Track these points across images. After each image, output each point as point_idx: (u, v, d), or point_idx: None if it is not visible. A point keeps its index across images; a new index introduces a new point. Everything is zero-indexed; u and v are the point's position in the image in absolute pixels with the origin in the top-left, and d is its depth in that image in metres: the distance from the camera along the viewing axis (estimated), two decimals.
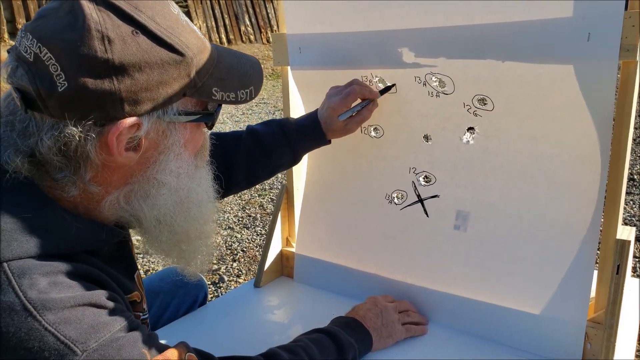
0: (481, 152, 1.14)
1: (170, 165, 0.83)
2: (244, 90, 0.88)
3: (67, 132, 0.72)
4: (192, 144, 0.87)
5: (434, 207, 1.23)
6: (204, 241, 0.94)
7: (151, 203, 0.83)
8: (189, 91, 0.80)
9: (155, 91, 0.75)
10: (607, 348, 1.02)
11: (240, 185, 1.25)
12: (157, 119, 0.78)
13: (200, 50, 0.80)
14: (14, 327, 0.66)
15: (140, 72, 0.73)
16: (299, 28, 1.30)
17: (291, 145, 1.23)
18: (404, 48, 1.15)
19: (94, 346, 0.69)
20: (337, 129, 1.21)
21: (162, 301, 1.36)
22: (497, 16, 1.01)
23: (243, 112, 6.71)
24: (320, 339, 1.02)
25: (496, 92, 1.07)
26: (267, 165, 1.24)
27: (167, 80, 0.76)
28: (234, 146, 1.21)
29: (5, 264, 0.68)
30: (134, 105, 0.74)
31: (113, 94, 0.71)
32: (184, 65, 0.77)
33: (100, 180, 0.79)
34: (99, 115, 0.73)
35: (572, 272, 1.06)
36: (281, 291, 1.46)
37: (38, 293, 0.68)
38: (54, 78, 0.70)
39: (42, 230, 0.73)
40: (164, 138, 0.81)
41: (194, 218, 0.89)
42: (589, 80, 0.96)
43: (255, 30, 10.10)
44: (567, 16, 0.94)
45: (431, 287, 1.24)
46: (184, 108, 0.81)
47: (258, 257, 2.93)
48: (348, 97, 1.19)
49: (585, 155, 1.01)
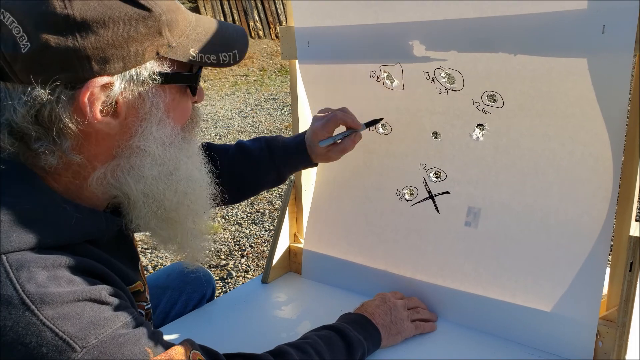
0: (492, 148, 1.12)
1: (152, 132, 0.80)
2: (226, 52, 0.85)
3: (35, 95, 0.71)
4: (177, 112, 0.85)
5: (445, 203, 1.22)
6: (197, 221, 0.91)
7: (136, 174, 0.81)
8: (162, 50, 0.78)
9: (123, 48, 0.73)
10: (620, 346, 1.00)
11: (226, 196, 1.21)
12: (131, 79, 0.76)
13: (171, 9, 0.79)
14: (12, 321, 0.65)
15: (105, 27, 0.71)
16: (308, 21, 1.28)
17: (275, 163, 1.21)
18: (415, 41, 1.13)
19: (94, 342, 0.68)
20: (319, 154, 1.19)
21: (170, 297, 1.35)
22: (509, 9, 0.99)
23: (252, 107, 6.71)
24: (329, 336, 1.01)
25: (507, 88, 1.05)
26: (252, 180, 1.22)
27: (135, 37, 0.74)
28: (222, 157, 1.19)
29: (4, 256, 0.67)
30: (102, 63, 0.72)
31: (77, 51, 0.70)
32: (152, 22, 0.75)
33: (82, 150, 0.77)
34: (68, 77, 0.71)
35: (584, 269, 1.05)
36: (289, 287, 1.45)
37: (37, 287, 0.66)
38: (17, 40, 0.69)
39: (42, 221, 0.72)
40: (142, 102, 0.78)
41: (184, 192, 0.86)
42: (603, 74, 0.94)
43: (264, 25, 10.09)
44: (581, 8, 0.92)
45: (441, 283, 1.23)
46: (160, 69, 0.79)
47: (266, 253, 2.93)
48: (329, 122, 1.17)
49: (598, 152, 0.99)
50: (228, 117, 6.29)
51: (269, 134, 5.45)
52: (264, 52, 9.41)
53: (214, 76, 8.39)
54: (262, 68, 8.83)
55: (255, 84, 8.09)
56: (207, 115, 6.41)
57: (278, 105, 6.78)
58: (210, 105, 6.94)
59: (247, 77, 8.42)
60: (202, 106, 6.93)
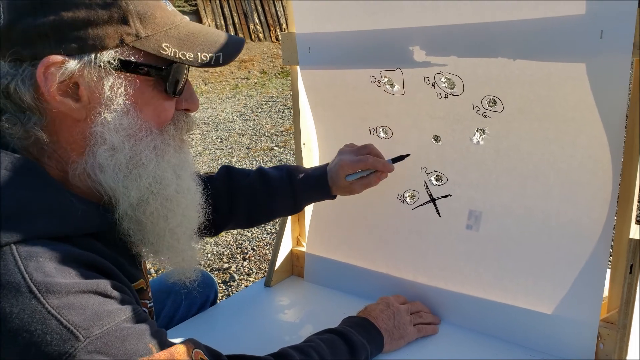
0: (492, 152, 1.13)
1: (111, 119, 0.79)
2: (207, 53, 0.84)
3: (1, 66, 0.75)
4: (149, 108, 0.84)
5: (446, 206, 1.23)
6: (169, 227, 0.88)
7: (99, 165, 0.80)
8: (127, 38, 0.79)
9: (82, 30, 0.76)
10: (620, 348, 1.01)
11: (239, 220, 1.24)
12: (90, 62, 0.77)
13: (146, 3, 0.80)
14: (18, 308, 0.66)
15: (66, 9, 0.75)
16: (308, 27, 1.29)
17: (295, 192, 1.22)
18: (415, 46, 1.14)
19: (97, 333, 0.69)
20: (342, 186, 1.20)
21: (173, 301, 1.36)
22: (508, 14, 1.01)
23: (253, 110, 6.72)
24: (332, 340, 1.02)
25: (506, 92, 1.06)
26: (268, 206, 1.23)
27: (95, 21, 0.76)
28: (241, 180, 1.21)
29: (14, 245, 0.69)
30: (60, 42, 0.75)
31: (37, 27, 0.74)
32: (115, 9, 0.77)
33: (51, 132, 0.79)
34: (30, 53, 0.75)
35: (585, 272, 1.06)
36: (292, 291, 1.46)
37: (44, 276, 0.68)
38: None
39: (49, 211, 0.74)
40: (102, 87, 0.78)
41: (150, 191, 0.84)
42: (602, 79, 0.95)
43: (265, 28, 10.10)
44: (580, 13, 0.93)
45: (443, 286, 1.24)
46: (124, 57, 0.79)
47: (268, 256, 2.94)
48: (359, 164, 1.18)
49: (598, 155, 1.00)
50: (229, 120, 6.30)
51: (270, 136, 5.46)
52: (265, 54, 9.43)
53: (215, 79, 8.42)
54: (262, 70, 8.85)
55: (256, 87, 8.11)
56: (208, 118, 6.43)
57: (279, 107, 6.79)
58: (212, 108, 6.96)
59: (247, 79, 8.44)
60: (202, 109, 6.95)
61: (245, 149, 5.13)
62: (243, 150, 5.07)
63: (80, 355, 0.66)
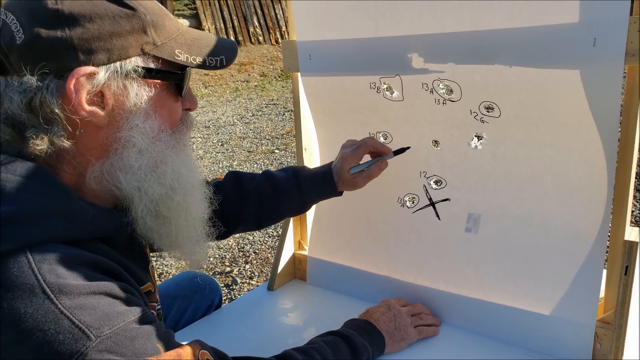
0: (490, 156, 1.15)
1: (138, 124, 0.84)
2: (212, 57, 0.91)
3: (26, 82, 0.77)
4: (164, 110, 0.89)
5: (446, 210, 1.25)
6: (190, 220, 0.94)
7: (124, 166, 0.84)
8: (147, 47, 0.84)
9: (108, 41, 0.79)
10: (617, 348, 1.03)
11: (248, 223, 1.26)
12: (116, 71, 0.81)
13: (157, 14, 0.85)
14: (32, 308, 0.69)
15: (91, 22, 0.78)
16: (309, 35, 1.32)
17: (302, 192, 1.24)
18: (414, 54, 1.17)
19: (108, 333, 0.71)
20: (346, 180, 1.22)
21: (179, 306, 1.39)
22: (504, 22, 1.03)
23: (253, 113, 6.74)
24: (335, 342, 1.05)
25: (503, 98, 1.09)
26: (276, 207, 1.25)
27: (119, 32, 0.80)
28: (249, 183, 1.24)
29: (27, 248, 0.71)
30: (88, 54, 0.78)
31: (65, 41, 0.77)
32: (136, 20, 0.81)
33: (74, 142, 0.82)
34: (56, 66, 0.77)
35: (582, 273, 1.08)
36: (294, 294, 1.48)
37: (56, 278, 0.71)
38: (14, 34, 0.77)
39: (61, 215, 0.77)
40: (127, 94, 0.83)
41: (171, 187, 0.89)
42: (595, 85, 0.97)
43: (264, 31, 10.13)
44: (573, 22, 0.95)
45: (443, 289, 1.26)
46: (145, 64, 0.84)
47: (270, 259, 2.96)
48: (359, 148, 1.21)
49: (593, 159, 1.03)
50: (230, 124, 6.32)
51: (271, 139, 5.48)
52: (264, 57, 9.45)
53: (215, 82, 8.44)
54: (262, 73, 8.87)
55: (256, 90, 8.13)
56: (209, 121, 6.45)
57: (279, 110, 6.81)
58: (212, 111, 6.98)
59: (247, 82, 8.46)
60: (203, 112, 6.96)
61: (246, 152, 5.15)
62: (244, 154, 5.09)
63: (91, 354, 0.69)
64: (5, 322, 0.69)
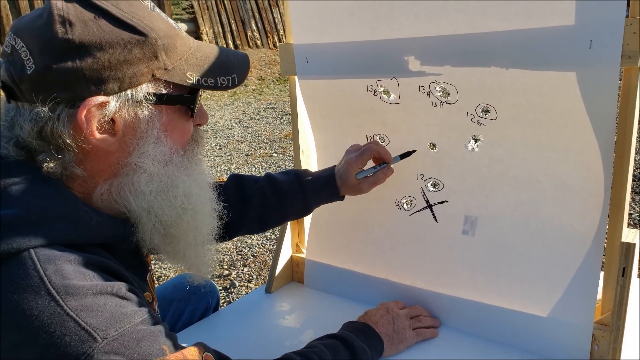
0: (487, 158, 1.16)
1: (149, 150, 0.84)
2: (224, 77, 0.90)
3: (37, 111, 0.77)
4: (176, 132, 0.89)
5: (443, 212, 1.25)
6: (199, 236, 0.95)
7: (134, 190, 0.85)
8: (158, 72, 0.82)
9: (119, 70, 0.78)
10: (614, 349, 1.03)
11: (250, 226, 1.26)
12: (127, 99, 0.81)
13: (168, 35, 0.83)
14: (38, 310, 0.69)
15: (102, 51, 0.76)
16: (306, 38, 1.32)
17: (304, 194, 1.24)
18: (410, 56, 1.17)
19: (114, 335, 0.71)
20: (351, 185, 1.22)
21: (176, 308, 1.39)
22: (500, 24, 1.03)
23: (251, 117, 6.75)
24: (334, 345, 1.04)
25: (500, 100, 1.09)
26: (278, 210, 1.25)
27: (130, 60, 0.79)
28: (251, 187, 1.24)
29: (32, 250, 0.72)
30: (99, 84, 0.77)
31: (76, 71, 0.76)
32: (147, 46, 0.80)
33: (84, 165, 0.82)
34: (67, 96, 0.77)
35: (579, 275, 1.08)
36: (292, 297, 1.48)
37: (62, 279, 0.71)
38: (24, 63, 0.76)
39: (65, 219, 0.77)
40: (138, 121, 0.83)
41: (182, 208, 0.90)
42: (592, 87, 0.97)
43: (262, 35, 10.14)
44: (569, 24, 0.96)
45: (440, 291, 1.26)
46: (156, 90, 0.83)
47: (268, 262, 2.96)
48: (364, 154, 1.21)
49: (590, 161, 1.03)
50: (228, 127, 6.33)
51: (269, 143, 5.49)
52: (262, 61, 9.47)
53: None
54: (260, 77, 8.89)
55: (254, 93, 8.14)
56: (207, 125, 6.45)
57: (277, 114, 6.82)
58: (210, 115, 6.97)
59: (245, 86, 8.47)
60: None
61: (244, 155, 5.15)
62: (242, 157, 5.09)
63: (98, 356, 0.69)
64: (11, 323, 0.69)
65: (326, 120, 1.39)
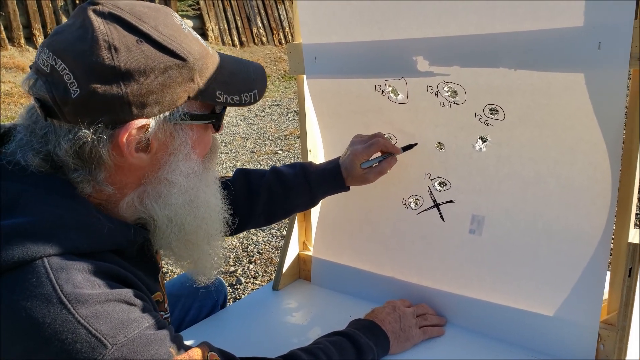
0: (494, 158, 1.16)
1: (179, 165, 0.87)
2: (247, 93, 0.93)
3: (80, 134, 0.78)
4: (200, 146, 0.92)
5: (450, 211, 1.26)
6: (212, 243, 0.99)
7: (163, 202, 0.88)
8: (193, 94, 0.85)
9: (160, 94, 0.80)
10: (620, 349, 1.04)
11: (258, 220, 1.28)
12: (164, 120, 0.83)
13: (202, 57, 0.85)
14: (50, 318, 0.70)
15: (145, 76, 0.78)
16: (315, 38, 1.33)
17: (311, 187, 1.26)
18: (419, 57, 1.17)
19: (123, 341, 0.73)
20: (357, 175, 1.24)
21: (183, 305, 1.40)
22: (509, 26, 1.04)
23: (256, 114, 6.76)
24: (340, 342, 1.06)
25: (507, 100, 1.09)
26: (285, 203, 1.27)
27: (170, 84, 0.81)
28: (257, 181, 1.26)
29: (46, 259, 0.73)
30: (141, 108, 0.79)
31: (121, 97, 0.77)
32: (186, 70, 0.82)
33: (114, 181, 0.85)
34: (110, 119, 0.78)
35: (586, 275, 1.09)
36: (299, 294, 1.49)
37: (73, 287, 0.72)
38: (67, 86, 0.76)
39: (77, 228, 0.78)
40: (172, 139, 0.86)
41: (202, 218, 0.94)
42: (600, 88, 0.98)
43: (268, 32, 10.15)
44: (578, 25, 0.96)
45: (447, 289, 1.27)
46: (190, 110, 0.86)
47: (274, 259, 2.97)
48: (371, 147, 1.23)
49: (597, 162, 1.03)
50: (233, 124, 6.34)
51: (274, 140, 5.50)
52: (268, 58, 9.47)
53: None
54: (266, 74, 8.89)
55: None
56: None
57: (282, 111, 6.83)
58: None
59: None
60: None
61: (249, 152, 5.16)
62: (247, 154, 5.10)
63: None
64: (23, 330, 0.70)
65: (334, 120, 1.40)
